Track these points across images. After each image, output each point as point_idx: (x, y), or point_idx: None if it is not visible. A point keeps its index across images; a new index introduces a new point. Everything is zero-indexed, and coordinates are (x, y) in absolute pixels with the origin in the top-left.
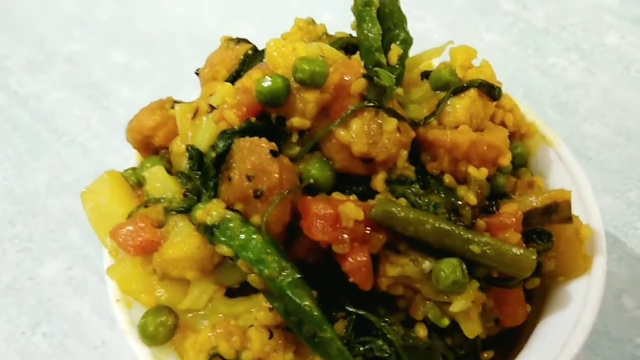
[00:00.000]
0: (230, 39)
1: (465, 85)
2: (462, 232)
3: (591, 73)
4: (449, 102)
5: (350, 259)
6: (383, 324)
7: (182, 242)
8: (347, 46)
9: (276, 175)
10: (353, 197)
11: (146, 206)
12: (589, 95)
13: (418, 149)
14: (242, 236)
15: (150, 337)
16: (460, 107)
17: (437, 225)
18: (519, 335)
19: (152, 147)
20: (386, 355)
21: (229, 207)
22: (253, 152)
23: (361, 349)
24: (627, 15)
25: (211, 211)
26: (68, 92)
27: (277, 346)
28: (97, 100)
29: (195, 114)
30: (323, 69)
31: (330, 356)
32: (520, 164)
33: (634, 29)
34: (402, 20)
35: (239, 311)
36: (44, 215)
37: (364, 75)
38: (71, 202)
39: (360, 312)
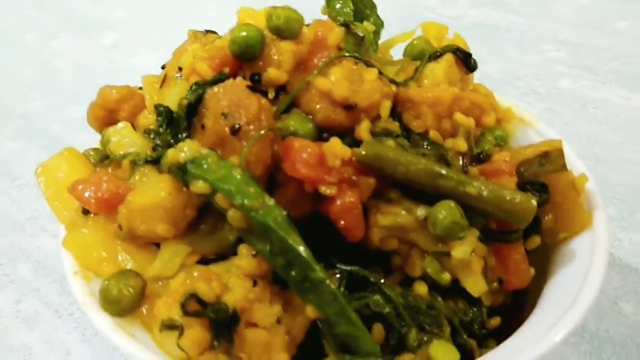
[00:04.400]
0: (198, 31)
1: (441, 51)
2: (456, 174)
3: (552, 111)
4: (426, 67)
5: (338, 200)
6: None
7: (151, 188)
8: None
9: (255, 107)
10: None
11: (110, 169)
12: (553, 128)
13: (400, 110)
14: (222, 171)
15: (114, 303)
16: (438, 70)
17: (429, 165)
18: (526, 305)
19: None
20: (386, 310)
21: None
22: (228, 91)
23: (356, 304)
24: (577, 65)
25: (184, 148)
26: (23, 144)
27: (262, 296)
28: (53, 149)
29: (164, 81)
30: (298, 17)
31: (323, 302)
32: (501, 145)
33: (585, 74)
34: (372, 5)
35: (218, 272)
36: None
37: (341, 24)
38: (23, 239)
39: (353, 267)
